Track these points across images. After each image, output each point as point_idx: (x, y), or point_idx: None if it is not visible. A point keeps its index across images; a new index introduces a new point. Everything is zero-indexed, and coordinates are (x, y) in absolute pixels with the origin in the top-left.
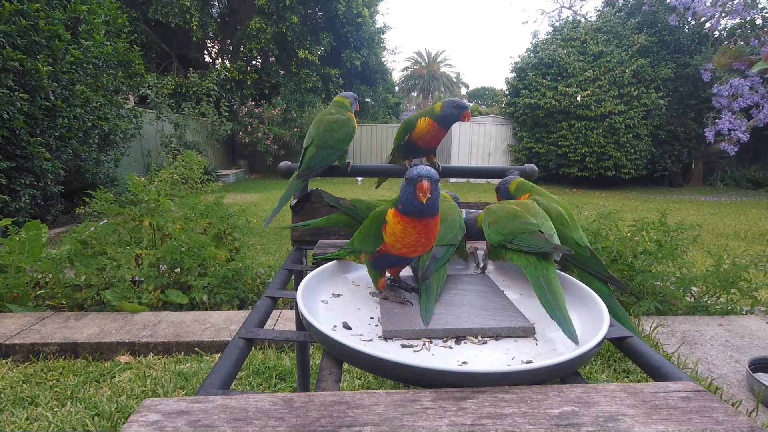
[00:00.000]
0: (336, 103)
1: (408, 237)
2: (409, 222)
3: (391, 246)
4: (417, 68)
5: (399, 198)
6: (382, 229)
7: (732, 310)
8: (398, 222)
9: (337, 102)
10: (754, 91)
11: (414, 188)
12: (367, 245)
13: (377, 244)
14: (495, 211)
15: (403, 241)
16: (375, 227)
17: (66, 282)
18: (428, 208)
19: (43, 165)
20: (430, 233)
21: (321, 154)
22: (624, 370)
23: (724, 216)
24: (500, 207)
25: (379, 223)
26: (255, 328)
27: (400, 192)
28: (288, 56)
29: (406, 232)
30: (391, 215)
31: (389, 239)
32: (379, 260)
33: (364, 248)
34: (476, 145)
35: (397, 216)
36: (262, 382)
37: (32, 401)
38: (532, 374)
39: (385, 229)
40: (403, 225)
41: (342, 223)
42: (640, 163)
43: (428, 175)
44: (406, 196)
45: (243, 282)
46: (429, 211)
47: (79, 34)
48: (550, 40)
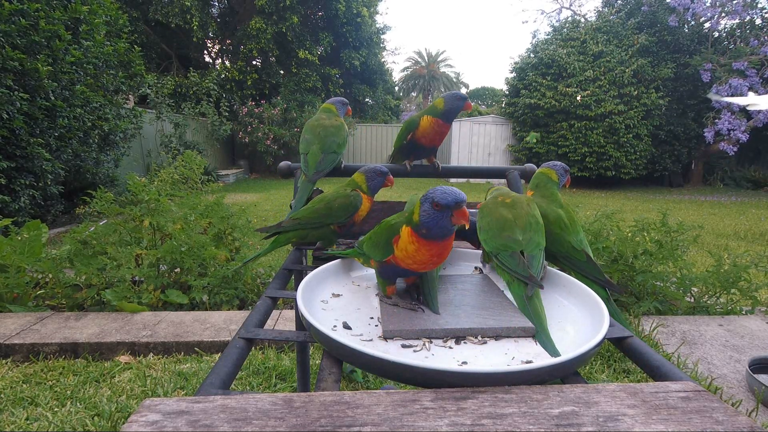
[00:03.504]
0: (324, 110)
1: (421, 256)
2: (426, 244)
3: (401, 260)
4: (417, 68)
5: (421, 222)
6: (393, 241)
7: (732, 311)
8: (413, 242)
9: (325, 108)
10: (754, 91)
11: (448, 215)
12: (375, 253)
13: (386, 255)
14: (486, 214)
15: (414, 258)
16: (385, 237)
17: (66, 282)
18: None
19: (43, 165)
20: (444, 252)
21: (328, 159)
22: (624, 370)
23: (724, 216)
24: (492, 210)
25: (390, 233)
26: (255, 328)
27: (423, 216)
28: (288, 56)
29: (420, 252)
30: (406, 234)
31: (400, 254)
32: (387, 269)
33: (372, 255)
34: (476, 145)
35: (413, 236)
36: (262, 382)
37: (32, 401)
38: (532, 374)
39: (396, 241)
40: (418, 246)
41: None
42: (640, 163)
43: (462, 199)
44: (434, 222)
45: (243, 282)
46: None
47: (79, 34)
48: (550, 40)
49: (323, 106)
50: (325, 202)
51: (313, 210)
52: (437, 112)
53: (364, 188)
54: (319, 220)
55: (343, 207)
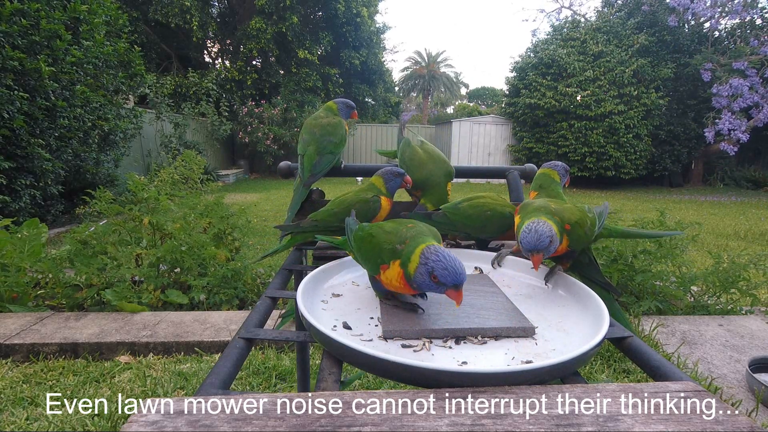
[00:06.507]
0: (324, 108)
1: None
2: (413, 291)
3: (385, 285)
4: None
5: (415, 281)
6: (381, 267)
7: (732, 310)
8: (399, 282)
9: (326, 107)
10: (754, 91)
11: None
12: (365, 265)
13: (374, 272)
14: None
15: (397, 289)
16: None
17: (66, 282)
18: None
19: (44, 165)
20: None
21: (324, 161)
22: (624, 370)
23: (724, 216)
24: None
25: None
26: (255, 328)
27: (419, 279)
28: (288, 56)
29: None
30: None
31: (385, 280)
32: (376, 283)
33: (361, 265)
34: (476, 145)
35: (402, 280)
36: (262, 382)
37: (32, 401)
38: (532, 374)
39: (384, 269)
40: (404, 287)
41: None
42: (640, 163)
43: (461, 282)
44: (427, 287)
45: (243, 282)
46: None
47: (79, 34)
48: (550, 40)
49: (326, 104)
50: (345, 206)
51: (332, 213)
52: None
53: (383, 191)
54: (338, 224)
55: (362, 212)
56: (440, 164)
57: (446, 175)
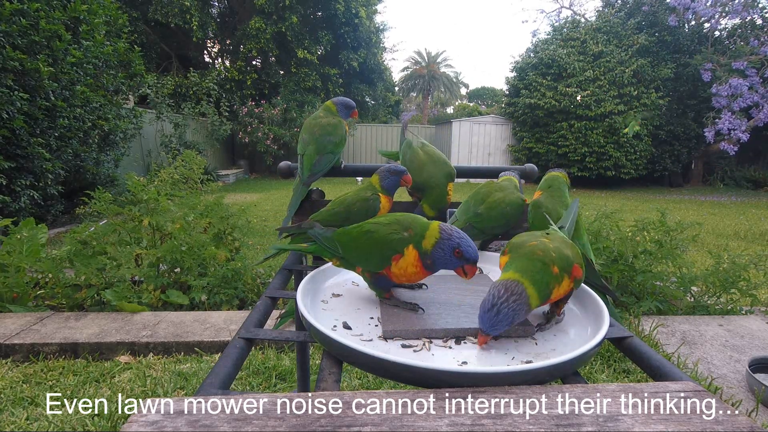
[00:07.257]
0: (323, 108)
1: (417, 278)
2: (425, 272)
3: (395, 276)
4: (417, 68)
5: (433, 255)
6: (393, 258)
7: (732, 310)
8: (415, 266)
9: (325, 107)
10: (754, 90)
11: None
12: (368, 264)
13: (381, 267)
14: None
15: (409, 278)
16: (381, 251)
17: (66, 282)
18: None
19: (43, 165)
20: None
21: (324, 161)
22: (624, 370)
23: (724, 216)
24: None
25: (388, 249)
26: (255, 328)
27: (438, 253)
28: (287, 56)
29: (417, 275)
30: (412, 258)
31: (397, 271)
32: (381, 280)
33: (360, 264)
34: (476, 145)
35: (418, 262)
36: (262, 382)
37: (32, 401)
38: (532, 374)
39: (397, 259)
40: (418, 271)
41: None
42: (640, 163)
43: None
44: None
45: (243, 282)
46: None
47: (79, 34)
48: (550, 40)
49: (325, 104)
50: (345, 206)
51: (332, 213)
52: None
53: (379, 189)
54: (338, 223)
55: (361, 211)
56: (441, 166)
57: (447, 176)
